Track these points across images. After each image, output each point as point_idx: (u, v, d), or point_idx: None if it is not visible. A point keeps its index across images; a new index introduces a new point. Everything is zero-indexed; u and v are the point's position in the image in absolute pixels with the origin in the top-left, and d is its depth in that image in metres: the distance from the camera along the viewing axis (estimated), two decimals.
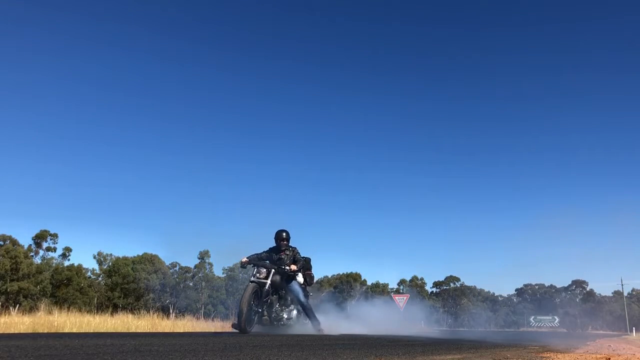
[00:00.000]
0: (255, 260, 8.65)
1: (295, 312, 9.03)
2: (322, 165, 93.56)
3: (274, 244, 9.07)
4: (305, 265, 9.45)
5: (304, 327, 8.94)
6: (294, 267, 8.67)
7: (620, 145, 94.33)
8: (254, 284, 7.96)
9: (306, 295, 9.29)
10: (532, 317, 62.88)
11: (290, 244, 9.08)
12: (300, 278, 9.21)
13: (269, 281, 8.14)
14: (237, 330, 7.74)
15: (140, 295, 46.65)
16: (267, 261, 8.71)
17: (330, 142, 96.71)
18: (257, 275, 8.11)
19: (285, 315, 8.75)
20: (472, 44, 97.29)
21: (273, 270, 8.28)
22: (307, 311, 9.08)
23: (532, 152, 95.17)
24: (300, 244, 9.17)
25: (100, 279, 49.52)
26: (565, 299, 67.46)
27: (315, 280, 10.04)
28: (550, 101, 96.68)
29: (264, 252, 8.99)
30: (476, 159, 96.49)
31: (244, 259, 8.69)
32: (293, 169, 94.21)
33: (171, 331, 9.57)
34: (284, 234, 9.05)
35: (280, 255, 8.82)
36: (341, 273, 60.30)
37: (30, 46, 77.48)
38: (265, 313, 8.43)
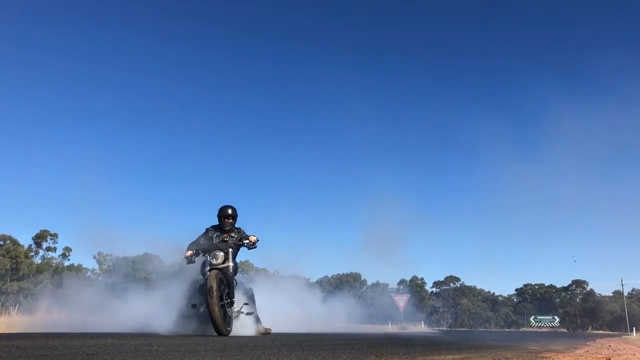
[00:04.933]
0: (201, 248, 7.17)
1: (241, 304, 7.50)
2: (321, 165, 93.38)
3: (217, 223, 7.55)
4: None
5: (251, 327, 7.62)
6: (253, 237, 7.31)
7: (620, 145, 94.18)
8: (217, 271, 6.61)
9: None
10: (532, 317, 62.85)
11: (236, 225, 7.52)
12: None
13: (230, 263, 6.87)
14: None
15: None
16: (206, 246, 7.23)
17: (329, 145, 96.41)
18: (213, 261, 6.77)
19: (236, 308, 7.23)
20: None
21: (230, 250, 6.99)
22: (250, 303, 7.58)
23: (530, 149, 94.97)
24: (301, 242, 8.34)
25: (100, 279, 49.56)
26: (565, 299, 67.45)
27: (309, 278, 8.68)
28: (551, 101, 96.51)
29: (200, 236, 7.47)
30: (475, 154, 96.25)
31: (188, 253, 7.11)
32: (293, 170, 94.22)
33: None
34: (230, 210, 7.46)
35: (224, 238, 7.31)
36: (341, 273, 60.43)
37: (31, 43, 77.48)
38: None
